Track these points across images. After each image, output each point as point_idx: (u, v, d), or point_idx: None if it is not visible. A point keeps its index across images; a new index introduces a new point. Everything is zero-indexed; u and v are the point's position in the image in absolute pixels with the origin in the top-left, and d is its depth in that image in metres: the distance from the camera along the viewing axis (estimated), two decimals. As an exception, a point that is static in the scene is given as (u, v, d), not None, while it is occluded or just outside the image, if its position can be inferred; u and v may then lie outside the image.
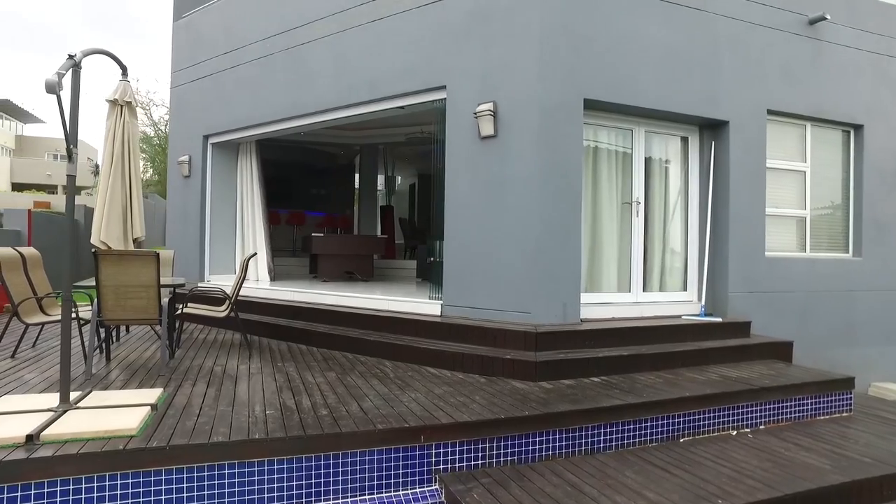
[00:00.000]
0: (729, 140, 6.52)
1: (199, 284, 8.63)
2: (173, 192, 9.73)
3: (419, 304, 6.44)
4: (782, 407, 4.90)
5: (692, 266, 6.72)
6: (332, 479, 3.34)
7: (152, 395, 3.96)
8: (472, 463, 3.67)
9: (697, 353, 5.59)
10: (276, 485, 3.22)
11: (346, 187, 15.73)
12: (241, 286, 5.97)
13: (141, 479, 3.01)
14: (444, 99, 6.31)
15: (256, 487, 3.17)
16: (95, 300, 4.68)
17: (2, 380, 4.51)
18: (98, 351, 5.37)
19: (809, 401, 5.05)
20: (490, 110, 5.81)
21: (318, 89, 7.45)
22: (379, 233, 14.51)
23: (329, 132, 13.17)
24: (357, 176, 15.64)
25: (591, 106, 5.95)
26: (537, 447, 3.86)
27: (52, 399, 3.64)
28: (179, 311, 5.71)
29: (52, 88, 3.12)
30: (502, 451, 3.76)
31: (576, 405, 4.11)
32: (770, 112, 6.78)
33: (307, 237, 10.19)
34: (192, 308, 5.86)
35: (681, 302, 6.58)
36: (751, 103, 6.62)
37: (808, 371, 5.52)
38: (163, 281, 5.23)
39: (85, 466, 2.93)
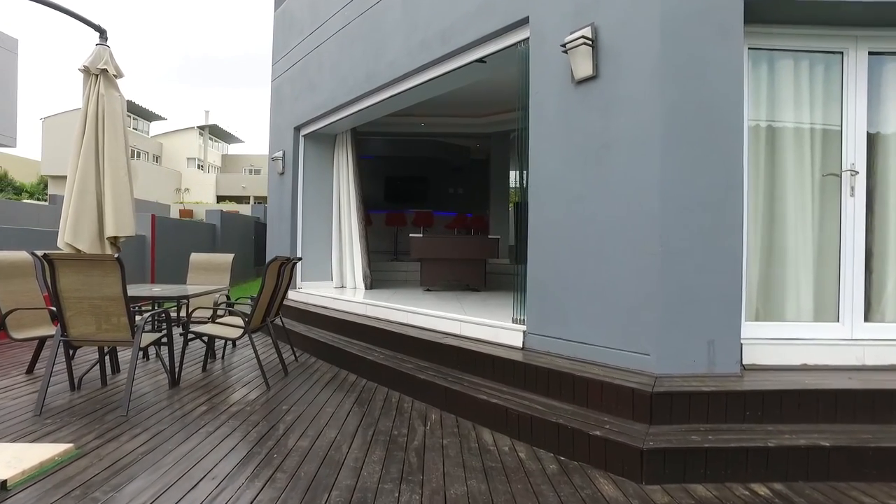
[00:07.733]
0: None
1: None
2: (271, 193, 9.14)
3: (499, 329, 4.63)
4: None
5: (969, 281, 3.84)
6: None
7: (46, 454, 2.81)
8: None
9: None
10: None
11: (482, 184, 14.22)
12: (261, 299, 4.74)
13: None
14: (528, 39, 4.43)
15: None
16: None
17: (-30, 406, 3.83)
18: (102, 374, 4.56)
19: None
20: (587, 38, 3.79)
21: (391, 54, 6.05)
22: (513, 234, 12.75)
23: (453, 121, 11.91)
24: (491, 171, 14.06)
25: (758, 16, 3.59)
26: None
27: None
28: (186, 331, 4.68)
29: None
30: None
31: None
32: None
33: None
34: (210, 327, 4.80)
35: (945, 344, 3.77)
36: None
37: None
38: (137, 293, 4.21)
39: None
